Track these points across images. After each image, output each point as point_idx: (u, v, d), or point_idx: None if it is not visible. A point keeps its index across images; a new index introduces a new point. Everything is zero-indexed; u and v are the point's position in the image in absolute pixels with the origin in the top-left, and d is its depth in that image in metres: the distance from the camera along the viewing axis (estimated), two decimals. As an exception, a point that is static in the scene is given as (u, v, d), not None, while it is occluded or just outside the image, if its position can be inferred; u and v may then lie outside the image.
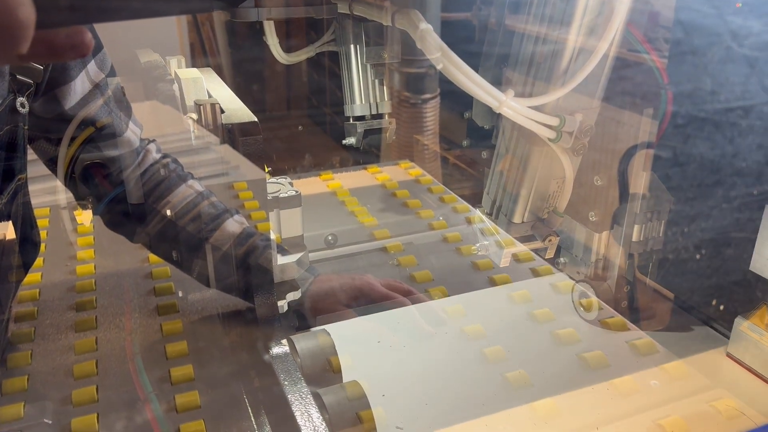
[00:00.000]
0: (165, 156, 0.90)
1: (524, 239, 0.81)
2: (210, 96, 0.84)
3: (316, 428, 0.69)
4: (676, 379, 0.82)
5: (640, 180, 0.79)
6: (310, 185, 1.38)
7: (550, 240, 0.78)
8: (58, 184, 0.89)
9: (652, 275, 0.88)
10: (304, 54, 1.14)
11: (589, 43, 0.66)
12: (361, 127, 1.06)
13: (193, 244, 0.85)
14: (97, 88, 0.80)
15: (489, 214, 0.80)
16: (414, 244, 1.14)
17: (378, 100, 1.06)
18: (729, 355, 0.83)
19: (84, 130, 0.81)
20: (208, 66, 0.98)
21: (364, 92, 1.04)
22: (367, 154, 1.40)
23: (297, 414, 0.71)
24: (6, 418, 0.72)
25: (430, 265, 1.07)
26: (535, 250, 0.94)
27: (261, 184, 0.82)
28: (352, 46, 1.02)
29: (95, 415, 0.73)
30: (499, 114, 0.68)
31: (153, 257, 1.05)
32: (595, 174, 0.80)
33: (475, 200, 1.25)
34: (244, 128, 0.71)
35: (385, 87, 1.05)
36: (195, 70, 0.89)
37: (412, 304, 0.90)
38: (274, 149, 1.48)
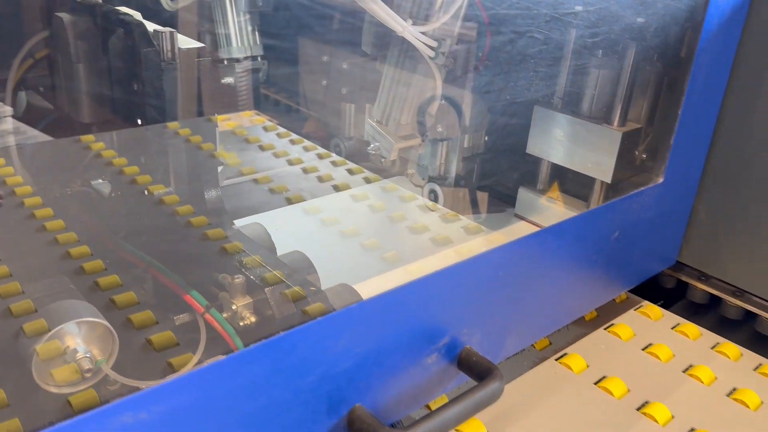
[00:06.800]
0: None
1: (408, 137, 1.10)
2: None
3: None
4: (492, 241, 1.17)
5: (468, 100, 1.13)
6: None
7: (429, 135, 1.08)
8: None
9: (477, 175, 1.23)
10: (184, 2, 1.25)
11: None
12: (238, 67, 1.22)
13: None
14: None
15: (379, 121, 1.08)
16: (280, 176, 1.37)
17: (252, 44, 1.23)
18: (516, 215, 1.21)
19: None
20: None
21: (239, 36, 1.20)
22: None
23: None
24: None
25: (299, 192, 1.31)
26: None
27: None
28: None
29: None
30: (388, 42, 0.95)
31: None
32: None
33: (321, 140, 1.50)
34: (199, 51, 0.88)
35: (257, 32, 1.22)
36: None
37: None
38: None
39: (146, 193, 1.02)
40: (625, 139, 1.03)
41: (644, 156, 1.07)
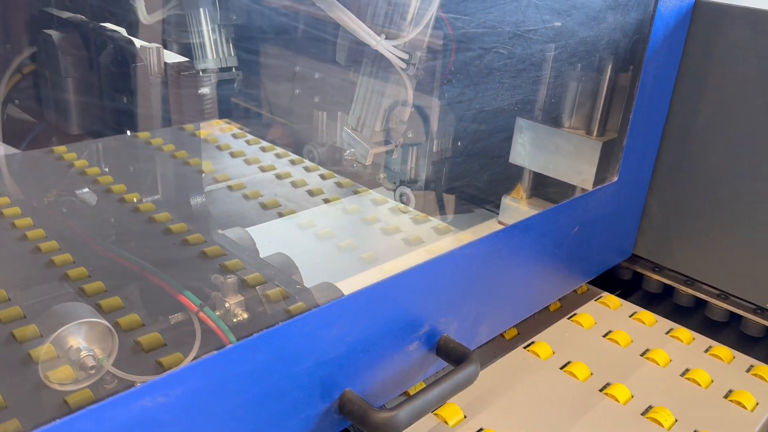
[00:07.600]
0: None
1: (382, 143, 1.16)
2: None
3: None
4: (461, 240, 1.25)
5: (436, 108, 1.20)
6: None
7: (401, 140, 1.14)
8: None
9: (446, 178, 1.30)
10: (159, 15, 1.29)
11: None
12: (214, 77, 1.27)
13: None
14: None
15: (354, 129, 1.14)
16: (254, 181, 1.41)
17: (227, 55, 1.27)
18: (500, 222, 1.28)
19: None
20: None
21: (214, 48, 1.24)
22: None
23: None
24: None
25: (273, 197, 1.36)
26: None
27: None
28: (200, 10, 1.22)
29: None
30: (361, 54, 1.02)
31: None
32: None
33: (292, 147, 1.55)
34: (182, 66, 0.93)
35: (231, 45, 1.27)
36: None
37: None
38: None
39: (134, 200, 1.07)
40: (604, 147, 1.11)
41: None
